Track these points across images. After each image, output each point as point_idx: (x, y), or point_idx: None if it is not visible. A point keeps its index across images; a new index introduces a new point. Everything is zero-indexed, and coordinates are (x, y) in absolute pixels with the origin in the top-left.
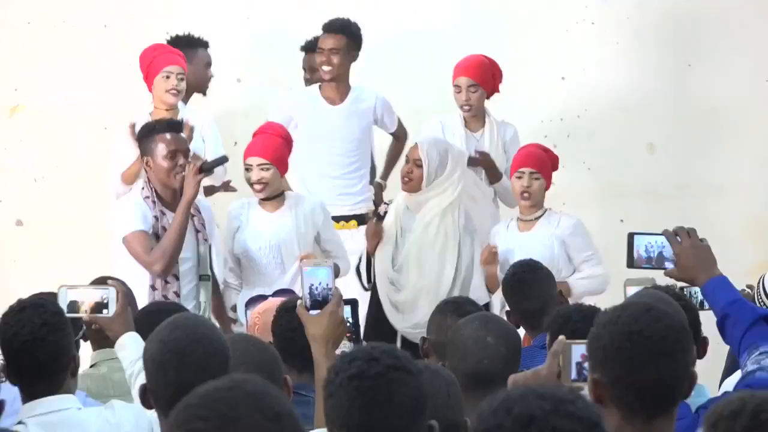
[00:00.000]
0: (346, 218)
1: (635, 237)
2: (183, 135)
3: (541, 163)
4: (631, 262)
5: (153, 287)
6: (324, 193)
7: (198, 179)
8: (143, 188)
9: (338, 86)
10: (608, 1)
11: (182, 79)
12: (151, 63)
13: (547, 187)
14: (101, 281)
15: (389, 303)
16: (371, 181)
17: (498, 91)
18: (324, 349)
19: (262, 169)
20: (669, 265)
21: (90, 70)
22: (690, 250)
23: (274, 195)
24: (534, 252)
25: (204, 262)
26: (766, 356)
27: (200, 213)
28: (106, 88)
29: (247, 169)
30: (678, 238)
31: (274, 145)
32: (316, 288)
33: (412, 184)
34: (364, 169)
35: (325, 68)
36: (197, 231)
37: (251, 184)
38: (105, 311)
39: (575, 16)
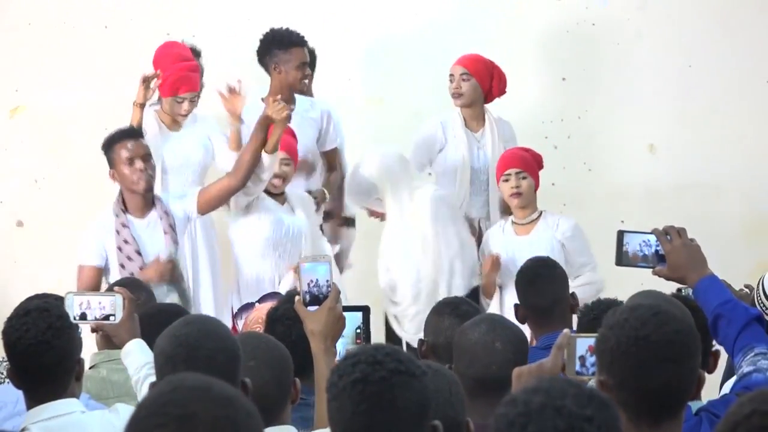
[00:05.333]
0: None
1: (625, 235)
2: (142, 141)
3: (525, 162)
4: (620, 260)
5: (122, 266)
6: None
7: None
8: (116, 202)
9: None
10: (609, 2)
11: (193, 101)
12: (172, 81)
13: (536, 187)
14: (121, 285)
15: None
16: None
17: (497, 93)
18: (323, 345)
19: (284, 164)
20: (662, 264)
21: (90, 71)
22: (681, 249)
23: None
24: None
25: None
26: (762, 357)
27: (168, 215)
28: (106, 89)
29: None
30: (668, 236)
31: (293, 144)
32: (315, 284)
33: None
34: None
35: (306, 82)
36: (165, 232)
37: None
38: (112, 318)
39: (576, 17)
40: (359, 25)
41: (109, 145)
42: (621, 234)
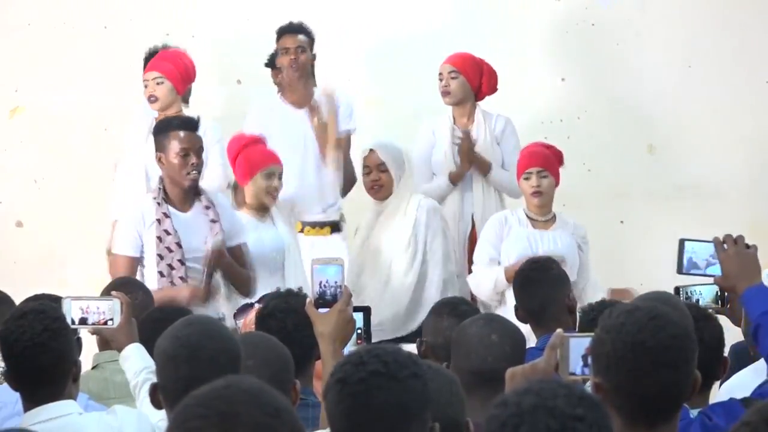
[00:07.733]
0: (321, 224)
1: (686, 243)
2: (198, 134)
3: (546, 160)
4: (681, 269)
5: (161, 273)
6: (298, 200)
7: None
8: (157, 190)
9: (305, 87)
10: (608, 2)
11: (161, 84)
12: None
13: (556, 184)
14: (118, 285)
15: None
16: (343, 190)
17: (486, 90)
18: (332, 348)
19: (281, 178)
20: (716, 272)
21: (90, 71)
22: (733, 257)
23: None
24: (558, 252)
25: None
26: None
27: (212, 208)
28: (106, 90)
29: (268, 177)
30: (724, 245)
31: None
32: (326, 286)
33: (383, 190)
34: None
35: (294, 67)
36: (213, 221)
37: (267, 193)
38: (110, 323)
39: (575, 17)
40: (359, 25)
41: (165, 130)
42: (682, 243)
